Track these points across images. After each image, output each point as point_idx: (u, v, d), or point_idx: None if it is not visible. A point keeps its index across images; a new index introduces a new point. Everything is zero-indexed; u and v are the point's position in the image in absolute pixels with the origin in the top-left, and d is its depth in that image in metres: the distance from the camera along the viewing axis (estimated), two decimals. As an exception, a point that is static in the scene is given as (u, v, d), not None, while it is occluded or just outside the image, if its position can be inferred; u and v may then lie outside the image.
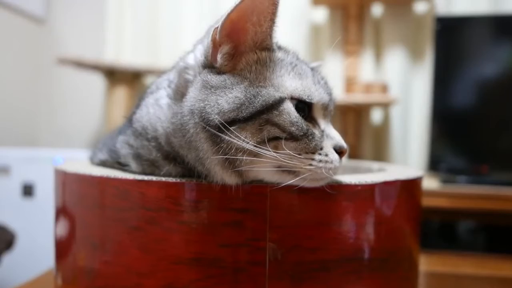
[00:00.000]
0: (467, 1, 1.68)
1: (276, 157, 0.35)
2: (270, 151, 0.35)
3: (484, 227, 1.53)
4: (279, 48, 0.41)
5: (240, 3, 0.36)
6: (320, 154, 0.37)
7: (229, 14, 0.37)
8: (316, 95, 0.39)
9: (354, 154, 1.66)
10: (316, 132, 0.38)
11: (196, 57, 0.40)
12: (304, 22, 1.80)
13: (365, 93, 1.56)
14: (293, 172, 0.37)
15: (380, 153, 1.76)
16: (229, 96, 0.36)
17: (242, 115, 0.35)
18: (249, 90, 0.36)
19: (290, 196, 0.38)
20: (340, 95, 1.62)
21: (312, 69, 0.43)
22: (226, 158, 0.35)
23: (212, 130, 0.35)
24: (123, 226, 0.40)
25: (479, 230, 1.55)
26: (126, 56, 1.89)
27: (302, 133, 0.36)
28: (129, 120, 0.47)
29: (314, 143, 0.37)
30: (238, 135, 0.35)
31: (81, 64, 1.65)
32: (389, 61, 1.72)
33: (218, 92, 0.36)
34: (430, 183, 1.37)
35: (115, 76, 1.69)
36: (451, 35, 1.56)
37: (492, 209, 1.29)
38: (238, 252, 0.37)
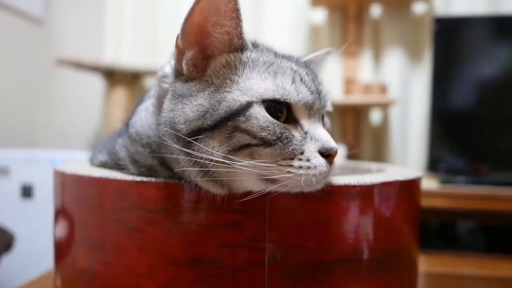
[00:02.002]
0: (465, 2, 1.68)
1: (248, 166, 0.33)
2: (240, 161, 0.33)
3: (484, 227, 1.53)
4: (255, 46, 0.39)
5: (194, 5, 0.35)
6: (300, 159, 0.35)
7: (186, 19, 0.35)
8: (293, 94, 0.36)
9: (353, 154, 1.66)
10: (296, 134, 0.36)
11: (171, 65, 0.39)
12: (303, 22, 1.80)
13: (364, 93, 1.56)
14: (274, 180, 0.35)
15: (380, 154, 1.76)
16: (193, 104, 0.35)
17: (207, 123, 0.34)
18: (214, 96, 0.35)
19: (289, 196, 0.37)
20: (339, 95, 1.62)
21: (299, 63, 0.40)
22: (200, 169, 0.34)
23: (182, 140, 0.34)
24: (122, 227, 0.40)
25: (478, 230, 1.55)
26: (126, 57, 1.89)
27: (274, 138, 0.34)
28: (126, 124, 0.47)
29: (291, 147, 0.35)
30: (205, 145, 0.34)
31: (80, 65, 1.65)
32: (388, 61, 1.72)
33: (184, 100, 0.36)
34: (430, 184, 1.37)
35: (114, 77, 1.69)
36: (450, 35, 1.56)
37: (491, 209, 1.29)
38: (237, 252, 0.37)
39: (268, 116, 0.35)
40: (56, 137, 2.03)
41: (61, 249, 0.47)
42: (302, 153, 0.35)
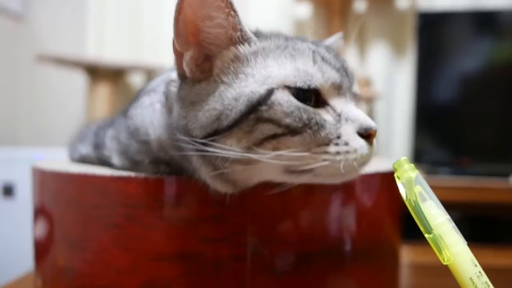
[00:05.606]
0: (448, -4, 1.71)
1: (272, 161, 0.31)
2: (264, 155, 0.31)
3: (467, 218, 1.56)
4: (259, 35, 0.36)
5: (181, 1, 0.32)
6: (337, 144, 0.32)
7: (176, 18, 0.33)
8: (318, 76, 0.33)
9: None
10: (328, 118, 0.33)
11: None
12: (288, 17, 1.80)
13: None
14: (307, 171, 0.32)
15: (365, 148, 1.77)
16: (205, 109, 0.33)
17: (223, 124, 0.32)
18: (227, 95, 0.32)
19: (270, 189, 0.37)
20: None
21: (315, 43, 0.37)
22: (214, 169, 0.33)
23: (197, 145, 0.33)
24: (102, 223, 0.39)
25: (461, 221, 1.58)
26: (108, 53, 1.86)
27: (301, 124, 0.31)
28: (124, 113, 0.45)
29: (324, 132, 0.32)
30: (222, 145, 0.32)
31: (61, 61, 1.62)
32: (372, 56, 1.73)
33: (196, 107, 0.33)
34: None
35: (97, 73, 1.66)
36: (433, 30, 1.58)
37: (474, 200, 1.32)
38: (219, 246, 0.37)
39: (293, 100, 0.32)
40: (37, 135, 1.99)
41: (41, 248, 0.46)
42: (338, 137, 0.32)
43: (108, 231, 0.39)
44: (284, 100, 0.32)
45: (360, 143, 0.32)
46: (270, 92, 0.32)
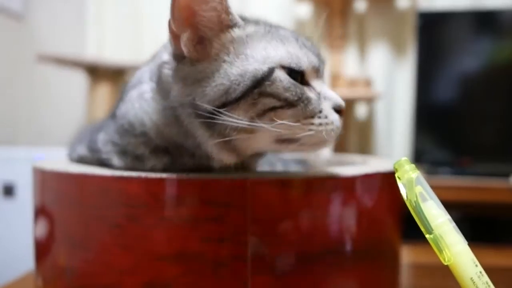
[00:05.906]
0: (448, -4, 1.71)
1: (273, 129, 0.36)
2: (266, 125, 0.35)
3: (468, 218, 1.56)
4: (245, 19, 0.40)
5: None
6: (319, 117, 0.37)
7: (172, 2, 0.36)
8: (305, 60, 0.38)
9: (339, 148, 1.67)
10: (313, 95, 0.38)
11: (169, 53, 0.40)
12: (288, 17, 1.80)
13: (349, 88, 1.57)
14: (294, 140, 0.37)
15: (365, 147, 1.77)
16: (212, 86, 0.36)
17: (231, 96, 0.35)
18: (233, 72, 0.36)
19: (271, 189, 0.37)
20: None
21: (293, 31, 0.42)
22: (222, 138, 0.36)
23: (205, 117, 0.36)
24: (103, 224, 0.39)
25: (462, 221, 1.58)
26: (108, 53, 1.87)
27: (296, 98, 0.36)
28: (113, 116, 0.46)
29: (311, 106, 0.37)
30: (231, 115, 0.35)
31: (61, 61, 1.62)
32: (373, 55, 1.73)
33: (202, 83, 0.36)
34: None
35: (98, 73, 1.66)
36: (433, 30, 1.58)
37: (475, 200, 1.32)
38: (220, 246, 0.37)
39: (289, 78, 0.37)
40: (37, 135, 1.99)
41: (42, 248, 0.46)
42: (320, 111, 0.38)
43: (109, 231, 0.39)
44: (284, 77, 0.36)
45: (335, 116, 0.39)
46: (271, 70, 0.36)
